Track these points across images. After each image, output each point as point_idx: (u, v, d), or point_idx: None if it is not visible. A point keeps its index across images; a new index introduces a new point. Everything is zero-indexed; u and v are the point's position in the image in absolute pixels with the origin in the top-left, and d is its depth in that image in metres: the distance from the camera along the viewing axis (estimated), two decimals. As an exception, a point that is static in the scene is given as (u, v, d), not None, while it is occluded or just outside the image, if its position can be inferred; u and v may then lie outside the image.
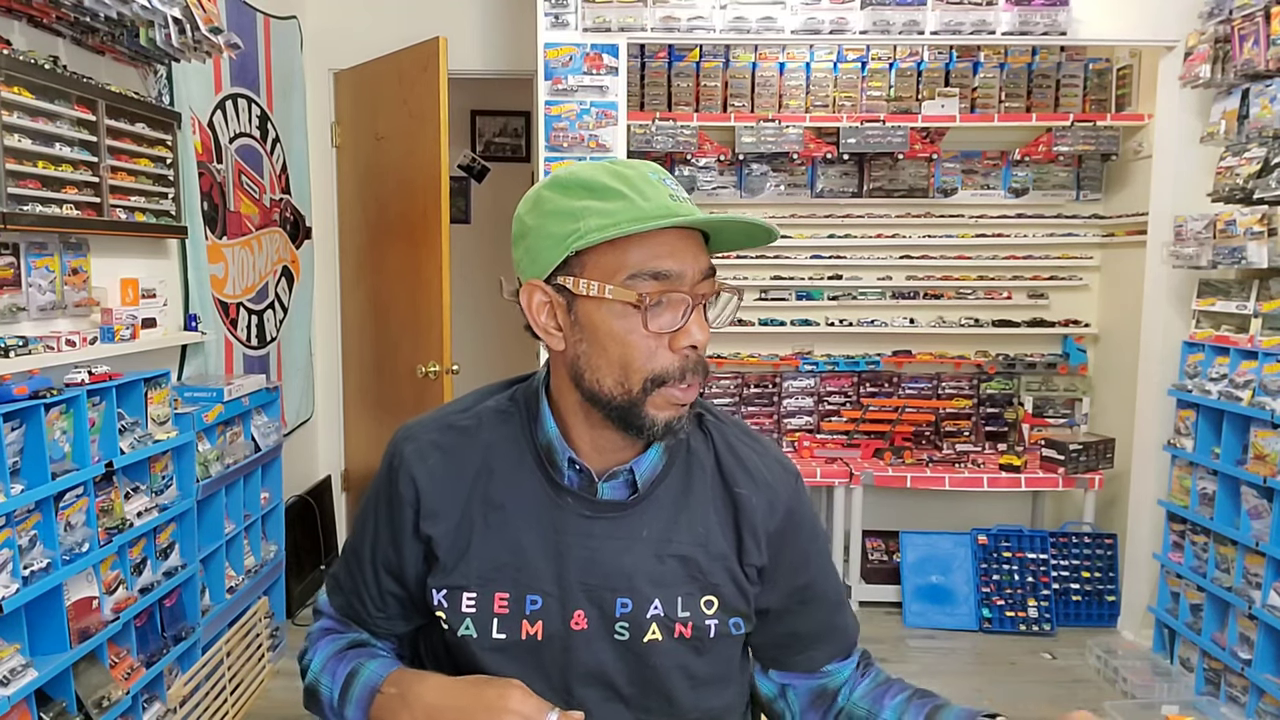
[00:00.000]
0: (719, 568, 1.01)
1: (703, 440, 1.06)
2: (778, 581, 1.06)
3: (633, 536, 1.00)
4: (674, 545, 1.00)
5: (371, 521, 1.07)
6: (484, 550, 1.00)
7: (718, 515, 1.02)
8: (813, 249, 4.11)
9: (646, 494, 1.01)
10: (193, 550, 2.54)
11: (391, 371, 3.79)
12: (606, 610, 0.99)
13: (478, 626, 1.00)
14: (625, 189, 0.90)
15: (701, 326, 0.92)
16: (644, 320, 0.90)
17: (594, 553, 0.99)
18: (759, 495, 1.03)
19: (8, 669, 1.78)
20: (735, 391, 4.23)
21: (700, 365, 0.94)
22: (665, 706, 1.02)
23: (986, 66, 3.99)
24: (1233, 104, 3.01)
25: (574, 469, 1.00)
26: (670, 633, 1.00)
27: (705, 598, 1.01)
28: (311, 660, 1.08)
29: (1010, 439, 4.14)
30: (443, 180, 3.37)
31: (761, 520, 1.03)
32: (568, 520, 0.99)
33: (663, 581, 0.99)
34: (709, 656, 1.03)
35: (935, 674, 3.27)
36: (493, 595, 0.99)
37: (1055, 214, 4.11)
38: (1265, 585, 2.65)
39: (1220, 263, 2.95)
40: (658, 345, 0.91)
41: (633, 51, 3.88)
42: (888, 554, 3.95)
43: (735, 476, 1.04)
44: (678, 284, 0.90)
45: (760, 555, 1.03)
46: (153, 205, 2.51)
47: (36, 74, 2.04)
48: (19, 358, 1.96)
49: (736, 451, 1.05)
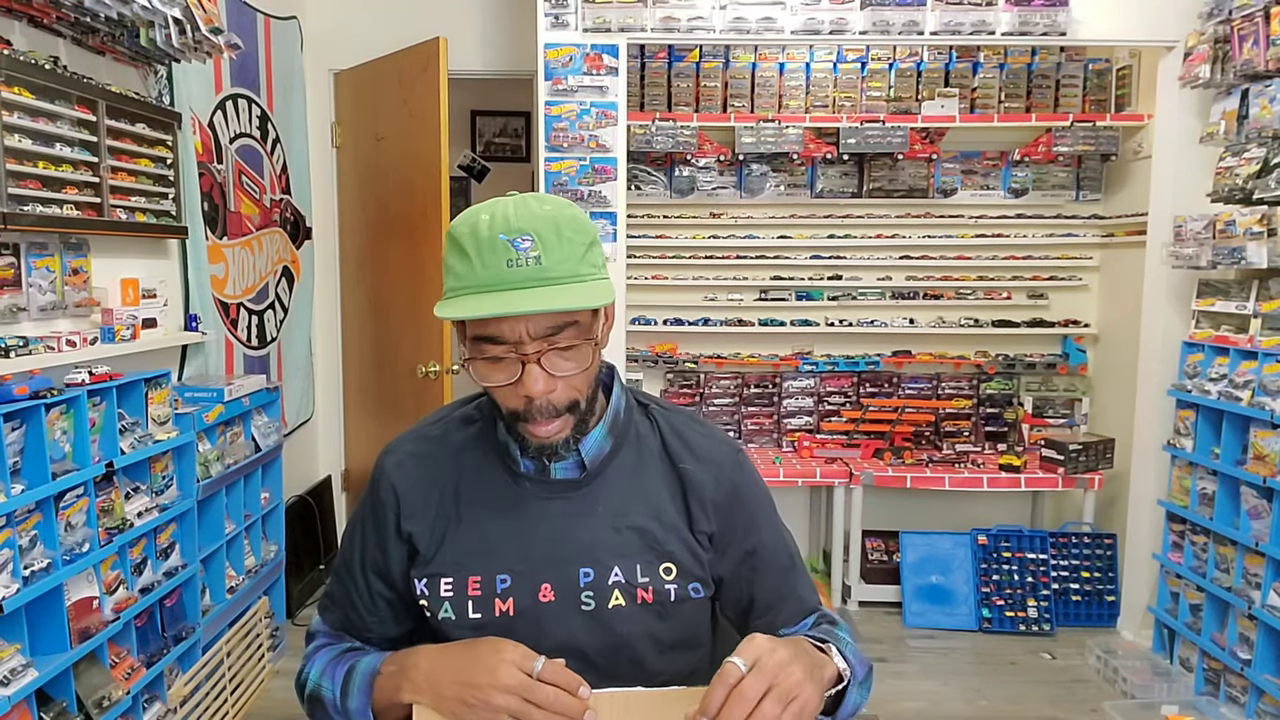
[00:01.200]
0: (673, 537, 1.10)
1: (650, 427, 1.16)
2: (728, 549, 1.14)
3: (588, 512, 1.09)
4: (629, 518, 1.10)
5: (359, 532, 1.16)
6: (457, 540, 1.10)
7: (668, 490, 1.12)
8: (812, 249, 4.11)
9: (597, 472, 1.10)
10: (193, 550, 2.54)
11: (391, 371, 3.80)
12: (571, 581, 1.08)
13: (455, 608, 1.09)
14: (472, 252, 0.96)
15: (537, 379, 0.98)
16: (478, 374, 1.01)
17: (554, 529, 1.09)
18: (703, 469, 1.13)
19: (8, 669, 1.78)
20: (735, 391, 4.23)
21: (548, 409, 1.01)
22: (635, 671, 1.08)
23: (986, 67, 4.00)
24: (1232, 104, 3.01)
25: (528, 455, 1.08)
26: (633, 598, 1.08)
27: (663, 565, 1.10)
28: (310, 672, 1.12)
29: (1010, 439, 4.14)
30: (443, 180, 3.38)
31: (708, 492, 1.12)
32: (528, 503, 1.10)
33: (621, 551, 1.09)
34: (673, 621, 1.10)
35: (935, 674, 3.28)
36: (467, 579, 1.09)
37: (1055, 214, 4.11)
38: (1265, 585, 2.65)
39: (1220, 263, 2.95)
40: (508, 391, 1.01)
41: (633, 52, 3.88)
42: (887, 554, 3.95)
43: (680, 455, 1.13)
44: (507, 348, 0.98)
45: (709, 523, 1.12)
46: (153, 205, 2.51)
47: (37, 74, 2.04)
48: (19, 358, 1.96)
49: (680, 433, 1.15)
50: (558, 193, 3.35)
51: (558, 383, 1.00)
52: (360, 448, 4.15)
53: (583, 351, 1.00)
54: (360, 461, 4.15)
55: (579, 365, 1.01)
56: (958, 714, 3.00)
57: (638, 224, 4.00)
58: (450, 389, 3.43)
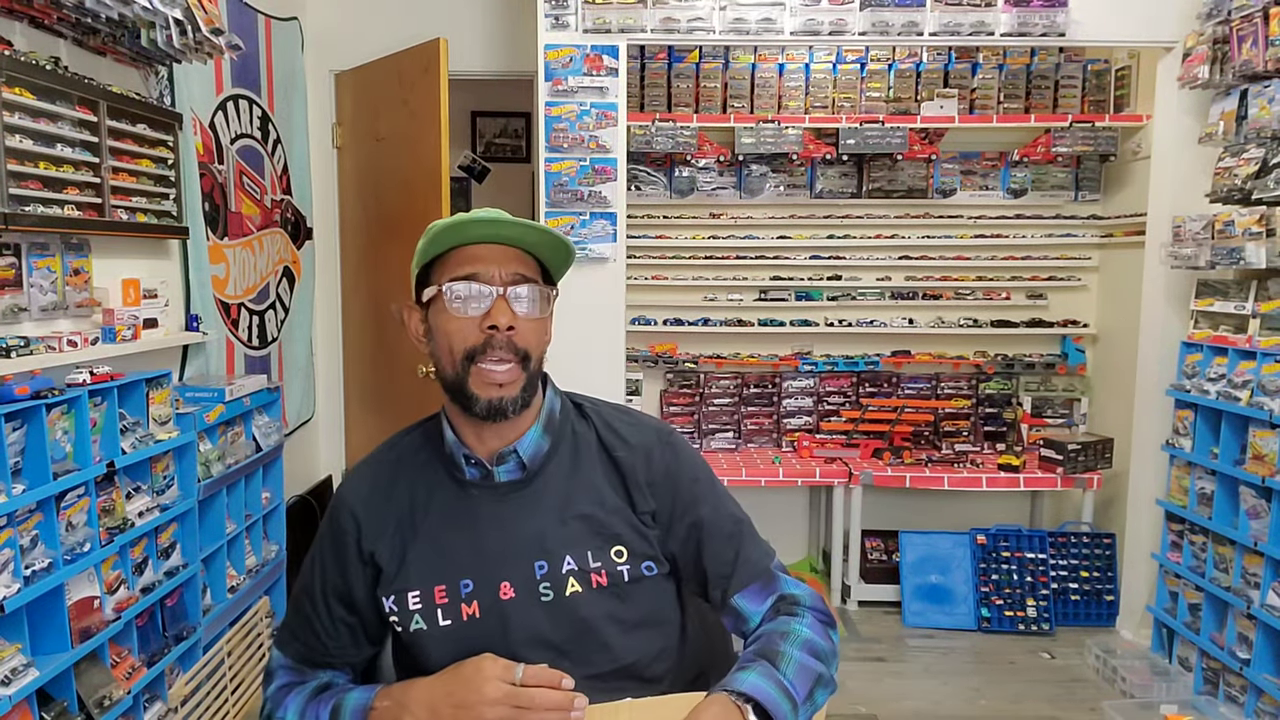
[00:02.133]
0: (618, 520, 1.18)
1: (585, 425, 1.25)
2: (672, 525, 1.21)
3: (535, 508, 1.17)
4: (574, 509, 1.17)
5: (319, 562, 1.23)
6: (418, 555, 1.17)
7: (607, 479, 1.20)
8: (812, 249, 4.12)
9: (538, 470, 1.19)
10: (194, 550, 2.54)
11: (392, 371, 3.80)
12: (528, 575, 1.15)
13: (425, 619, 1.15)
14: (452, 223, 1.11)
15: (504, 312, 1.10)
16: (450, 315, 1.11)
17: (504, 529, 1.16)
18: (634, 454, 1.21)
19: (9, 669, 1.78)
20: (735, 391, 4.23)
21: (508, 345, 1.11)
22: (604, 655, 1.15)
23: (985, 67, 4.00)
24: (1231, 105, 3.01)
25: (470, 464, 1.18)
26: (589, 583, 1.15)
27: (614, 548, 1.17)
28: (284, 717, 1.14)
29: (1009, 439, 4.14)
30: (443, 181, 3.38)
31: (642, 473, 1.20)
32: (478, 508, 1.18)
33: (570, 540, 1.16)
34: (632, 602, 1.17)
35: (934, 673, 3.28)
36: (433, 589, 1.15)
37: (1054, 214, 4.12)
38: (1264, 585, 2.65)
39: (1218, 263, 2.96)
40: (468, 327, 1.11)
41: (632, 53, 3.89)
42: (887, 554, 3.96)
43: (613, 444, 1.22)
44: (477, 287, 1.11)
45: (649, 502, 1.20)
46: (154, 206, 2.51)
47: (38, 75, 2.05)
48: (20, 358, 1.96)
49: (612, 426, 1.25)
50: (558, 192, 3.37)
51: (519, 323, 1.11)
52: (360, 448, 4.15)
53: (541, 307, 1.14)
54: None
55: (538, 312, 1.14)
56: (957, 714, 3.01)
57: (638, 224, 4.01)
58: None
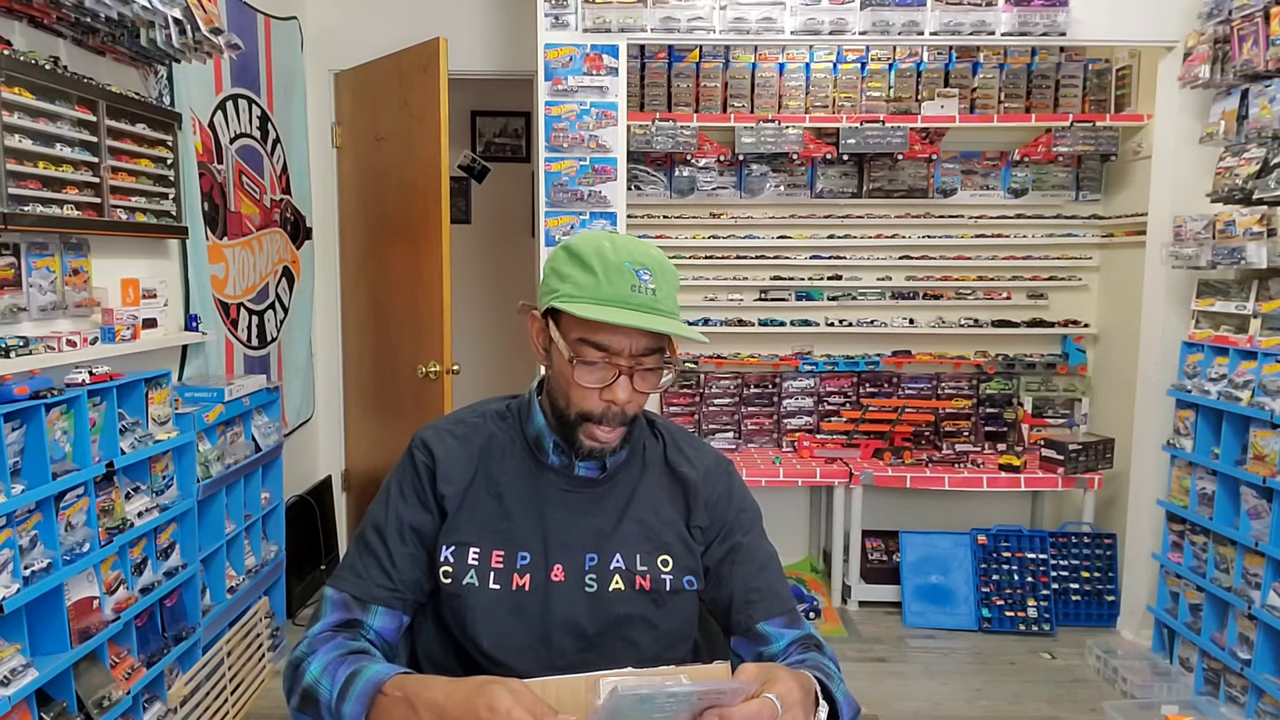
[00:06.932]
0: (670, 531, 1.26)
1: (655, 441, 1.34)
2: (713, 542, 1.28)
3: (599, 505, 1.25)
4: (631, 513, 1.25)
5: (394, 496, 1.25)
6: (485, 515, 1.23)
7: (667, 491, 1.29)
8: (812, 249, 4.11)
9: (612, 475, 1.27)
10: (193, 550, 2.54)
11: (392, 371, 3.80)
12: (578, 563, 1.22)
13: (479, 576, 1.20)
14: (598, 269, 1.14)
15: (625, 389, 1.17)
16: (573, 375, 1.16)
17: (569, 517, 1.24)
18: (698, 473, 1.30)
19: (8, 669, 1.78)
20: (735, 391, 4.23)
21: (620, 416, 1.19)
22: (630, 654, 1.20)
23: (986, 67, 4.00)
24: (1232, 104, 3.01)
25: (558, 451, 1.25)
26: (632, 584, 1.22)
27: (661, 556, 1.24)
28: (311, 664, 1.11)
29: (1010, 439, 4.14)
30: (443, 180, 3.38)
31: (702, 491, 1.29)
32: (550, 492, 1.25)
33: (623, 540, 1.24)
34: (667, 610, 1.23)
35: (935, 674, 3.28)
36: (491, 551, 1.21)
37: (1054, 214, 4.11)
38: (1264, 585, 2.65)
39: (1219, 263, 2.95)
40: (589, 394, 1.18)
41: (633, 52, 3.88)
42: (887, 554, 3.95)
43: (678, 461, 1.32)
44: (612, 356, 1.15)
45: (703, 517, 1.28)
46: (153, 206, 2.51)
47: (37, 74, 2.05)
48: (20, 358, 1.96)
49: (680, 445, 1.34)
50: (558, 192, 3.37)
51: (636, 397, 1.19)
52: (360, 448, 4.15)
53: (658, 376, 1.20)
54: (360, 461, 4.16)
55: (654, 387, 1.21)
56: (957, 714, 3.01)
57: (638, 224, 4.00)
58: (450, 389, 3.43)
